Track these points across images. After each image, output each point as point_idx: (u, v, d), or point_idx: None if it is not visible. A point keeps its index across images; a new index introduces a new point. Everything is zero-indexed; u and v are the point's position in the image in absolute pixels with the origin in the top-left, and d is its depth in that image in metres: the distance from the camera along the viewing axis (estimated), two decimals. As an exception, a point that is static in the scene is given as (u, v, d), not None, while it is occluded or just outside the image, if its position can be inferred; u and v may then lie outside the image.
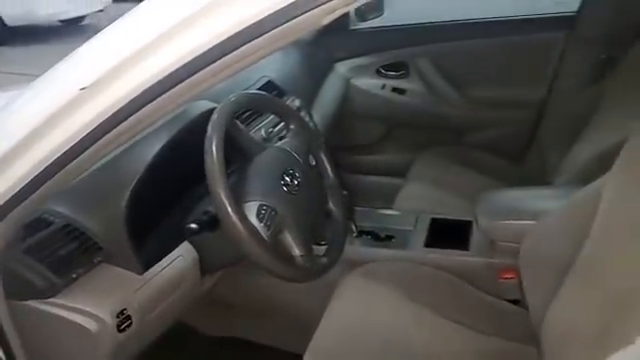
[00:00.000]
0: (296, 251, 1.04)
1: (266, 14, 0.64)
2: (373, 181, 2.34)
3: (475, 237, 1.48)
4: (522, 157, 2.13)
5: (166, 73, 0.68)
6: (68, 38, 6.98)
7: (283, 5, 0.63)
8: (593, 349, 0.85)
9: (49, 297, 0.93)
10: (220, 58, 0.66)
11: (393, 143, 2.37)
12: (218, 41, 0.65)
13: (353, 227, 1.57)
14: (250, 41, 0.65)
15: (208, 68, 0.68)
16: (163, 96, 0.68)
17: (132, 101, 0.68)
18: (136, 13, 0.72)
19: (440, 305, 1.29)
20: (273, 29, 0.65)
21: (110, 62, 0.67)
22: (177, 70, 0.68)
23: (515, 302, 1.36)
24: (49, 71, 0.75)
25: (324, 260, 1.12)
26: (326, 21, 0.66)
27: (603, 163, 1.12)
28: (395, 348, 1.19)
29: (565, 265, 1.11)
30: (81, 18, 7.85)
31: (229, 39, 0.65)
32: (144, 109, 0.69)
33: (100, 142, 0.73)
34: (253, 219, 0.98)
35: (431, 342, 1.21)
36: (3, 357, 0.87)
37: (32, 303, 0.93)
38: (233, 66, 0.70)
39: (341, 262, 1.47)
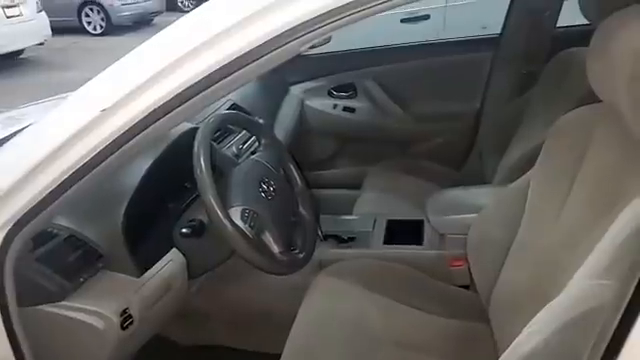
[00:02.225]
0: (275, 248, 1.19)
1: (254, 46, 0.81)
2: (331, 193, 2.47)
3: (427, 233, 1.67)
4: (462, 163, 2.36)
5: (171, 96, 0.83)
6: (5, 73, 6.84)
7: (269, 38, 0.80)
8: (531, 312, 0.95)
9: (60, 300, 1.03)
10: (218, 82, 0.82)
11: (347, 158, 2.55)
12: (217, 67, 0.80)
13: (319, 232, 1.73)
14: (242, 68, 0.81)
15: (206, 91, 0.84)
16: (167, 116, 0.83)
17: (143, 120, 0.82)
18: (149, 43, 0.86)
19: (401, 294, 1.44)
20: (260, 58, 0.82)
21: (127, 87, 0.81)
22: (180, 94, 0.83)
23: (466, 287, 1.54)
24: (71, 96, 0.88)
25: (300, 256, 1.27)
26: (303, 49, 0.83)
27: (529, 162, 1.33)
28: (364, 335, 1.31)
29: (504, 249, 1.30)
30: (20, 52, 7.72)
31: (226, 66, 0.80)
32: (152, 126, 0.83)
33: (113, 156, 0.86)
34: (238, 221, 1.13)
35: (395, 327, 1.35)
36: None
37: (44, 307, 1.03)
38: (225, 89, 0.86)
39: (310, 265, 1.63)
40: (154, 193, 1.20)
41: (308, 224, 1.41)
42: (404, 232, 1.71)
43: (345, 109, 2.43)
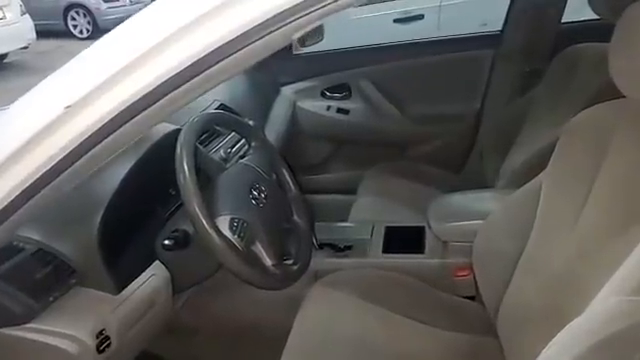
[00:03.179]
0: (268, 261, 1.09)
1: (239, 33, 0.70)
2: (325, 199, 2.40)
3: (428, 240, 1.57)
4: (462, 166, 2.27)
5: (145, 92, 0.72)
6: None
7: (255, 24, 0.70)
8: (544, 329, 0.92)
9: (26, 322, 0.92)
10: (196, 76, 0.71)
11: (341, 161, 2.45)
12: (193, 60, 0.70)
13: (314, 241, 1.63)
14: (223, 60, 0.71)
15: (185, 85, 0.73)
16: (143, 113, 0.72)
17: (113, 119, 0.72)
18: (116, 34, 0.76)
19: (402, 306, 1.35)
20: (245, 47, 0.71)
21: (93, 81, 0.71)
22: (155, 88, 0.72)
23: (471, 298, 1.45)
24: (31, 90, 0.77)
25: (294, 268, 1.17)
26: (296, 37, 0.73)
27: (535, 164, 1.24)
28: (365, 350, 1.23)
29: (514, 258, 1.21)
30: (3, 56, 7.56)
31: (204, 57, 0.70)
32: (125, 126, 0.72)
33: (81, 160, 0.75)
34: (227, 232, 1.02)
35: (396, 341, 1.26)
36: None
37: (8, 330, 0.92)
38: (208, 83, 0.75)
39: (305, 275, 1.53)
40: (134, 200, 1.10)
41: (303, 232, 1.30)
42: (404, 240, 1.61)
43: (339, 110, 2.33)
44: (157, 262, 1.13)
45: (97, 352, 0.96)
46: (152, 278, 1.11)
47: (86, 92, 0.72)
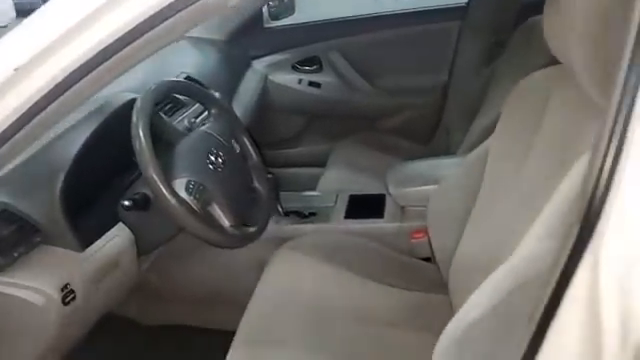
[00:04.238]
0: (225, 222, 1.14)
1: None
2: (297, 172, 2.43)
3: (388, 206, 1.63)
4: (430, 138, 2.32)
5: (94, 52, 0.76)
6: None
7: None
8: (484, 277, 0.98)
9: None
10: (142, 35, 0.75)
11: (313, 135, 2.49)
12: (140, 20, 0.74)
13: (279, 208, 1.68)
14: (165, 20, 0.75)
15: (133, 44, 0.77)
16: (92, 74, 0.76)
17: (65, 79, 0.76)
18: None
19: (361, 267, 1.42)
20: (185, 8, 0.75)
21: (41, 42, 0.74)
22: (105, 48, 0.76)
23: (427, 260, 1.52)
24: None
25: (252, 230, 1.22)
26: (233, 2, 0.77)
27: (491, 131, 1.29)
28: (322, 309, 1.28)
29: (463, 219, 1.27)
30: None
31: (149, 18, 0.74)
32: (74, 87, 0.76)
33: (33, 122, 0.79)
34: (183, 193, 1.07)
35: (354, 300, 1.32)
36: None
37: None
38: (152, 44, 0.79)
39: (269, 241, 1.58)
40: (95, 166, 1.14)
41: (262, 198, 1.35)
42: (366, 207, 1.67)
43: (310, 84, 2.34)
44: (121, 224, 1.18)
45: (62, 304, 1.01)
46: (116, 239, 1.16)
47: (34, 54, 0.75)
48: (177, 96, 1.54)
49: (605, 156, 0.59)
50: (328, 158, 2.19)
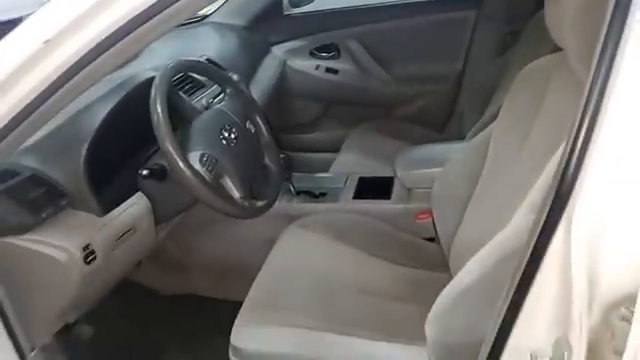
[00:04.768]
0: (236, 193, 1.21)
1: None
2: (311, 157, 2.49)
3: (395, 188, 1.68)
4: (444, 125, 2.36)
5: (118, 25, 0.83)
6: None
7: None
8: None
9: (23, 234, 1.06)
10: (161, 12, 0.82)
11: (329, 120, 2.54)
12: None
13: (291, 188, 1.75)
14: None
15: (150, 22, 0.84)
16: (116, 46, 0.83)
17: (90, 52, 0.83)
18: None
19: (367, 245, 1.47)
20: None
21: (70, 17, 0.81)
22: (127, 23, 0.83)
23: (431, 240, 1.57)
24: (15, 29, 0.88)
25: (260, 203, 1.29)
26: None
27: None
28: (328, 281, 1.34)
29: (465, 201, 1.32)
30: (19, 20, 7.64)
31: None
32: (99, 59, 0.83)
33: (61, 91, 0.87)
34: (197, 165, 1.14)
35: (359, 275, 1.38)
36: None
37: (9, 239, 1.05)
38: (171, 21, 0.86)
39: (281, 218, 1.66)
40: (117, 137, 1.21)
41: (273, 176, 1.42)
42: (374, 188, 1.72)
43: (328, 70, 2.40)
44: (139, 193, 1.26)
45: (84, 263, 1.10)
46: (134, 206, 1.24)
47: (62, 28, 0.83)
48: (196, 77, 1.61)
49: (579, 129, 0.64)
50: (342, 144, 2.24)
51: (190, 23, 2.22)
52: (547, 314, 0.71)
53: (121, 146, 1.25)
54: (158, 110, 1.10)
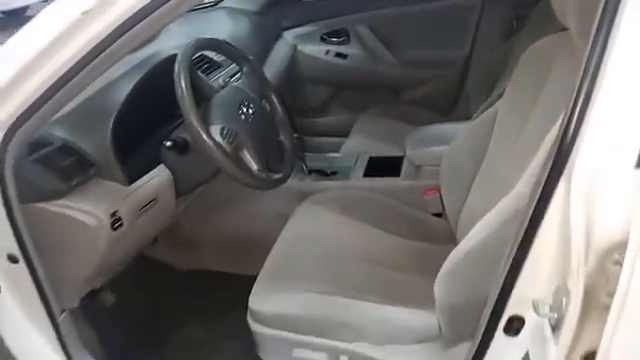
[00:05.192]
0: (254, 166, 1.28)
1: None
2: (322, 141, 2.53)
3: (405, 166, 1.74)
4: (451, 109, 2.41)
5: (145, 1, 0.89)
6: (10, 30, 6.86)
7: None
8: None
9: (55, 199, 1.13)
10: None
11: (339, 104, 2.60)
12: None
13: (304, 167, 1.82)
14: None
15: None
16: (146, 20, 0.90)
17: (123, 24, 0.89)
18: None
19: (376, 220, 1.53)
20: None
21: None
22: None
23: (439, 215, 1.63)
24: (52, 3, 0.94)
25: (276, 176, 1.35)
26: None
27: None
28: (337, 252, 1.40)
29: (471, 177, 1.38)
30: (25, 8, 7.70)
31: None
32: (132, 30, 0.90)
33: (97, 60, 0.93)
34: (218, 137, 1.21)
35: (367, 247, 1.44)
36: (19, 253, 1.06)
37: (42, 204, 1.13)
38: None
39: (294, 195, 1.72)
40: (140, 112, 1.28)
41: (287, 150, 1.48)
42: (384, 167, 1.78)
43: (337, 55, 2.45)
44: (162, 165, 1.33)
45: (111, 229, 1.17)
46: (157, 178, 1.31)
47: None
48: (213, 58, 1.68)
49: (580, 91, 0.70)
50: (352, 127, 2.30)
51: (204, 8, 2.27)
52: (548, 265, 0.78)
53: (145, 119, 1.31)
54: (182, 84, 1.17)
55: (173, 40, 1.62)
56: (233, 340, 1.58)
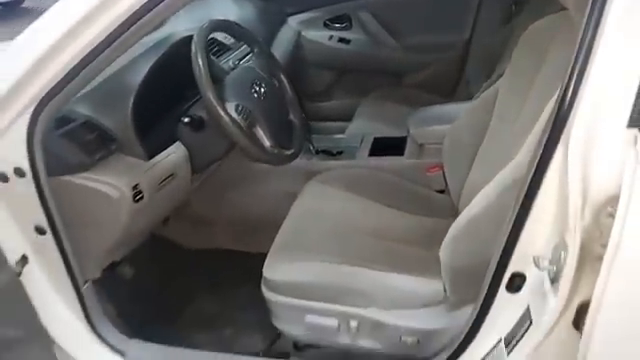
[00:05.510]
0: (267, 142, 1.34)
1: None
2: (327, 125, 2.54)
3: (408, 145, 1.80)
4: (453, 92, 2.47)
5: None
6: (8, 21, 6.87)
7: None
8: None
9: (81, 172, 1.19)
10: None
11: (342, 89, 2.65)
12: None
13: (311, 147, 1.88)
14: None
15: None
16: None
17: (144, 5, 0.95)
18: None
19: (380, 196, 1.59)
20: None
21: None
22: None
23: (442, 192, 1.69)
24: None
25: (287, 153, 1.42)
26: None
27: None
28: (344, 227, 1.46)
29: (473, 153, 1.44)
30: (20, 1, 7.73)
31: None
32: (153, 11, 0.96)
33: (118, 41, 0.99)
34: (233, 113, 1.27)
35: (372, 221, 1.50)
36: (46, 225, 1.13)
37: (68, 177, 1.19)
38: None
39: (301, 174, 1.78)
40: (158, 92, 1.34)
41: (297, 129, 1.55)
42: (388, 146, 1.84)
43: (340, 40, 2.50)
44: (178, 142, 1.39)
45: (133, 201, 1.23)
46: (174, 154, 1.37)
47: None
48: (223, 41, 1.73)
49: (576, 61, 0.76)
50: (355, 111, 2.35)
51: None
52: (548, 223, 0.84)
53: (162, 98, 1.38)
54: (199, 63, 1.23)
55: (182, 24, 1.67)
56: (245, 312, 1.65)
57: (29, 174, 1.07)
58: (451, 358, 1.07)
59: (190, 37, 1.33)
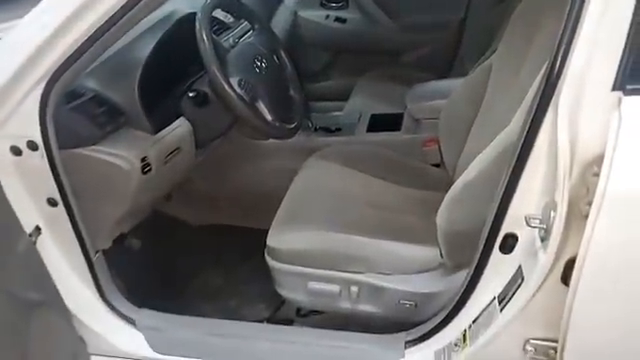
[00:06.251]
0: (269, 116, 1.39)
1: None
2: (325, 105, 2.53)
3: (405, 121, 1.85)
4: (448, 70, 2.50)
5: None
6: (7, 6, 6.82)
7: None
8: None
9: (91, 144, 1.24)
10: None
11: (339, 69, 2.66)
12: None
13: (310, 124, 1.92)
14: None
15: None
16: None
17: None
18: None
19: (379, 171, 1.64)
20: None
21: None
22: None
23: (437, 166, 1.74)
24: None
25: (289, 127, 1.46)
26: None
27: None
28: (342, 199, 1.51)
29: (469, 124, 1.49)
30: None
31: None
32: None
33: (125, 18, 1.03)
34: (237, 88, 1.31)
35: (370, 194, 1.55)
36: (58, 197, 1.17)
37: (79, 150, 1.24)
38: None
39: (301, 151, 1.82)
40: (163, 67, 1.38)
41: (297, 104, 1.59)
42: (385, 123, 1.89)
43: (337, 20, 2.52)
44: (182, 118, 1.44)
45: (141, 173, 1.28)
46: (178, 129, 1.42)
47: None
48: (223, 19, 1.76)
49: (565, 30, 0.81)
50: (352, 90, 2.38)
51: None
52: (539, 185, 0.90)
53: (167, 74, 1.42)
54: (204, 38, 1.28)
55: (182, 3, 1.70)
56: (249, 285, 1.70)
57: (41, 147, 1.11)
58: (447, 318, 1.13)
59: (194, 14, 1.37)
